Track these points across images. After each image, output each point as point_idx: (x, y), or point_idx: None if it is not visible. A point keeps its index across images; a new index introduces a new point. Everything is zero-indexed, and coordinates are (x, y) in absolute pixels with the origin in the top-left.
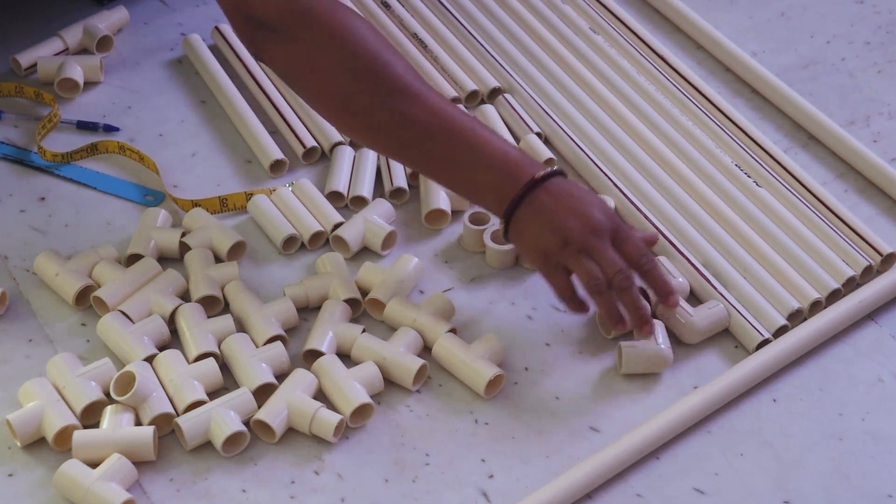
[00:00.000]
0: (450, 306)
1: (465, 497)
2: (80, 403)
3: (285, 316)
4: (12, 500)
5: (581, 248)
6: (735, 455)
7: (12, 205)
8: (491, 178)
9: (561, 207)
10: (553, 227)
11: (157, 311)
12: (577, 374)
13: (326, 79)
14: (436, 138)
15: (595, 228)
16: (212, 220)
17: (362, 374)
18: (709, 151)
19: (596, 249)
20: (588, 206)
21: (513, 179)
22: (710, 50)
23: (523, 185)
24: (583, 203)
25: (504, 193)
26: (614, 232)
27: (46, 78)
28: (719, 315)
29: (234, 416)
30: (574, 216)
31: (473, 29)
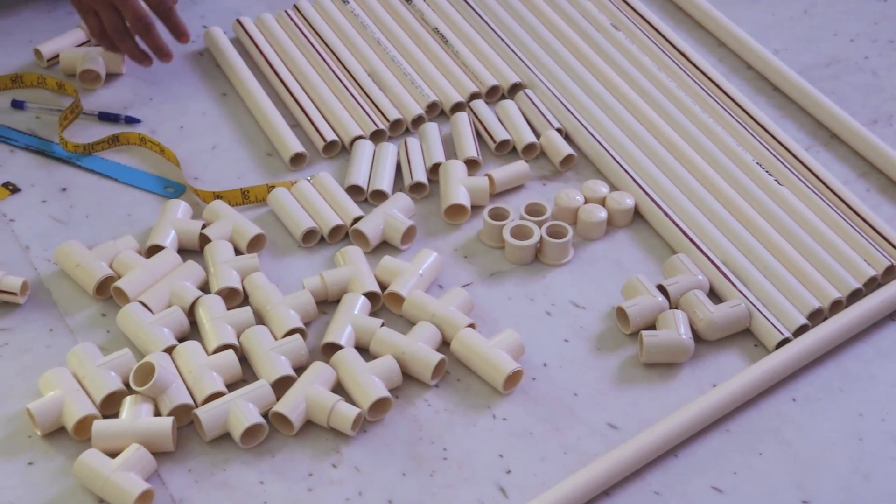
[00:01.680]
0: (469, 301)
1: (482, 492)
2: (100, 393)
3: (304, 309)
4: (32, 488)
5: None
6: (754, 454)
7: (34, 195)
8: None
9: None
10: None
11: (176, 302)
12: (596, 370)
13: None
14: None
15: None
16: (232, 213)
17: (381, 368)
18: (730, 149)
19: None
20: None
21: None
22: (732, 47)
23: None
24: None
25: None
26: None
27: (68, 69)
28: (739, 314)
29: (252, 408)
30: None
31: (494, 24)
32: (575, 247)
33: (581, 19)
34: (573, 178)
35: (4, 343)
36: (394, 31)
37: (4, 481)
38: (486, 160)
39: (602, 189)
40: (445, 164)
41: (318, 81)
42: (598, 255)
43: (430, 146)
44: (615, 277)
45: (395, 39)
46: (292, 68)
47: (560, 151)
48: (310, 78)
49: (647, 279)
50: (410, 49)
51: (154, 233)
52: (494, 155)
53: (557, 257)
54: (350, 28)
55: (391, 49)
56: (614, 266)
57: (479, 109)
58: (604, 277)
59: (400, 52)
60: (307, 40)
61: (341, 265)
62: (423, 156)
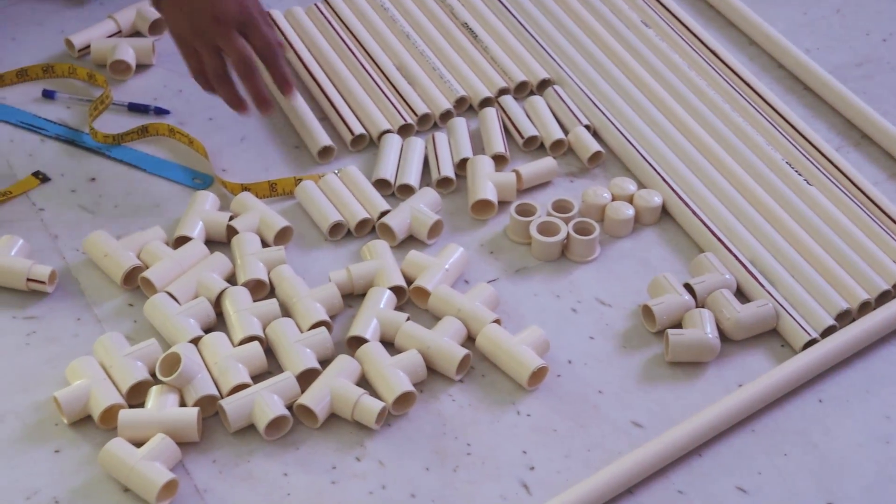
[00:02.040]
0: (494, 297)
1: (505, 488)
2: (127, 383)
3: (330, 302)
4: (58, 476)
5: (209, 37)
6: (779, 455)
7: (63, 185)
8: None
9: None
10: (187, 13)
11: (203, 293)
12: (621, 368)
13: None
14: None
15: (220, 17)
16: (259, 205)
17: (406, 362)
18: (759, 148)
19: (222, 38)
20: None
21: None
22: (763, 46)
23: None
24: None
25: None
26: (242, 23)
27: (99, 60)
28: (766, 314)
29: (277, 400)
30: (206, 4)
31: (524, 19)
32: (602, 244)
33: (611, 16)
34: (601, 176)
35: (32, 331)
36: (423, 26)
37: (31, 468)
38: (514, 156)
39: (630, 186)
40: (473, 159)
41: (346, 75)
42: (624, 252)
43: (458, 141)
44: (641, 275)
45: (425, 34)
46: (321, 61)
47: (588, 148)
48: (339, 71)
49: (674, 277)
50: (440, 43)
51: (182, 224)
52: (522, 151)
53: (584, 254)
54: (379, 22)
55: (420, 43)
56: (641, 264)
57: (507, 105)
58: (630, 275)
59: (429, 47)
60: (336, 34)
61: (367, 259)
62: (450, 151)
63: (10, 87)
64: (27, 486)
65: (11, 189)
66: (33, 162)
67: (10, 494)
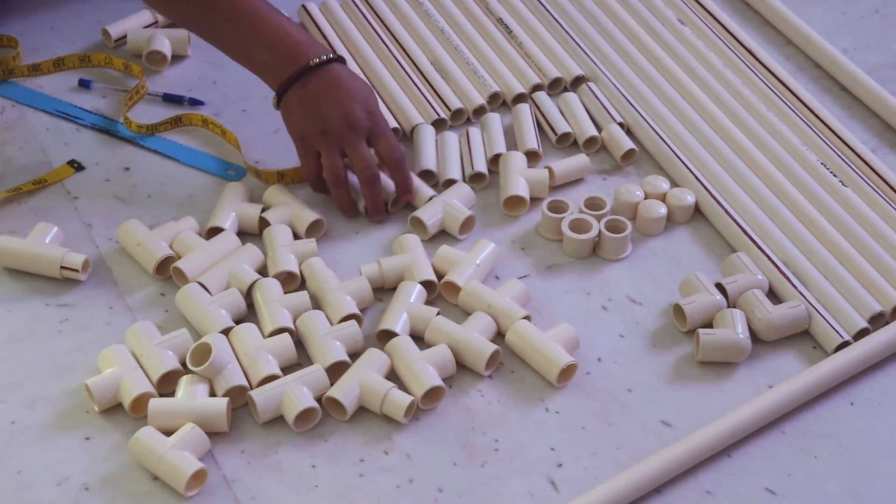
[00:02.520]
0: (524, 293)
1: (532, 484)
2: (157, 372)
3: (361, 295)
4: (89, 463)
5: (336, 141)
6: (809, 457)
7: (98, 174)
8: (269, 56)
9: (327, 98)
10: (315, 116)
11: (234, 284)
12: (651, 366)
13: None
14: (220, 12)
15: (351, 123)
16: (292, 198)
17: (435, 357)
18: (794, 148)
19: (350, 144)
20: (352, 101)
21: (289, 61)
22: (800, 45)
23: (297, 69)
24: (348, 97)
25: (279, 73)
26: (370, 131)
27: (135, 50)
28: (798, 315)
29: (306, 391)
30: (336, 109)
31: (559, 16)
32: (633, 242)
33: (647, 14)
34: (634, 173)
35: (65, 319)
36: (458, 21)
37: (62, 455)
38: (547, 152)
39: (663, 185)
40: (505, 155)
41: (380, 68)
42: (656, 251)
43: (492, 136)
44: (673, 274)
45: (459, 29)
46: (355, 55)
47: (621, 146)
48: (372, 65)
49: (706, 277)
50: (474, 39)
51: (214, 215)
52: (555, 147)
53: (615, 252)
54: (414, 16)
55: (455, 38)
56: (672, 263)
57: (541, 101)
58: (661, 274)
59: (463, 42)
60: (371, 27)
61: (399, 253)
62: (484, 146)
63: (48, 76)
64: (58, 472)
65: (46, 177)
66: (69, 151)
67: (41, 480)
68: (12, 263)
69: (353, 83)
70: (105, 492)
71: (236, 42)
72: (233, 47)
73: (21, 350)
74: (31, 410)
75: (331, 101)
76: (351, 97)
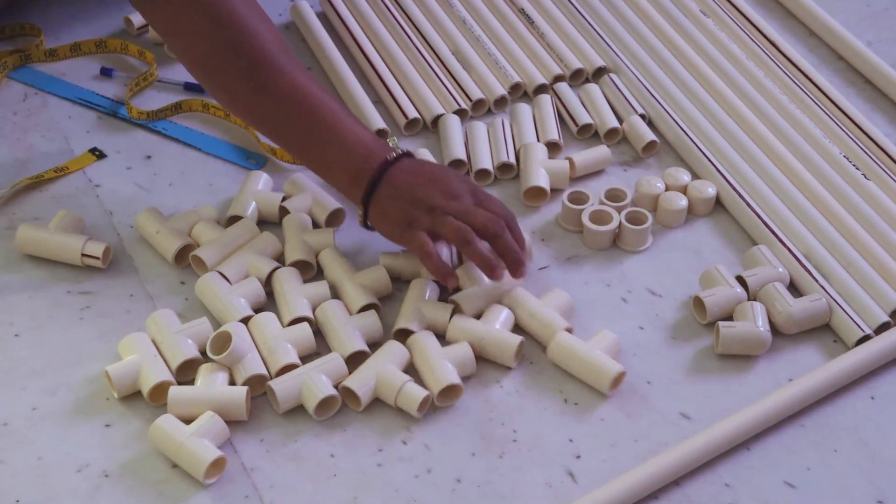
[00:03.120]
0: (569, 304)
1: (550, 476)
2: (177, 360)
3: (379, 285)
4: (109, 450)
5: (445, 212)
6: (829, 451)
7: (120, 162)
8: (345, 158)
9: (419, 181)
10: (414, 200)
11: (253, 273)
12: (670, 358)
13: (188, 43)
14: (293, 115)
15: (455, 194)
16: (313, 186)
17: (455, 355)
18: (817, 141)
19: (460, 209)
20: (445, 176)
21: (368, 161)
22: (824, 37)
23: (379, 165)
24: (440, 174)
25: (360, 174)
26: (474, 195)
27: (157, 38)
28: (819, 308)
29: (326, 380)
30: (433, 186)
31: (581, 6)
32: (654, 234)
33: (670, 5)
34: (655, 165)
35: (86, 306)
36: (479, 11)
37: (83, 441)
38: (568, 144)
39: (684, 177)
40: (526, 145)
41: (402, 58)
42: (676, 243)
43: (521, 127)
44: (693, 266)
45: (481, 19)
46: (377, 44)
47: (643, 137)
48: (394, 55)
49: (726, 269)
50: (496, 29)
51: (235, 203)
52: (576, 139)
53: (636, 244)
54: (436, 6)
55: (476, 28)
56: (693, 255)
57: (562, 92)
58: (682, 266)
59: (485, 32)
60: (393, 17)
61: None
62: (512, 136)
63: (69, 62)
64: (78, 459)
65: (68, 165)
66: (90, 138)
67: (61, 467)
68: (34, 251)
69: (434, 165)
70: (125, 479)
71: (310, 143)
72: (306, 149)
73: (42, 337)
74: (51, 397)
75: (425, 182)
76: (442, 174)
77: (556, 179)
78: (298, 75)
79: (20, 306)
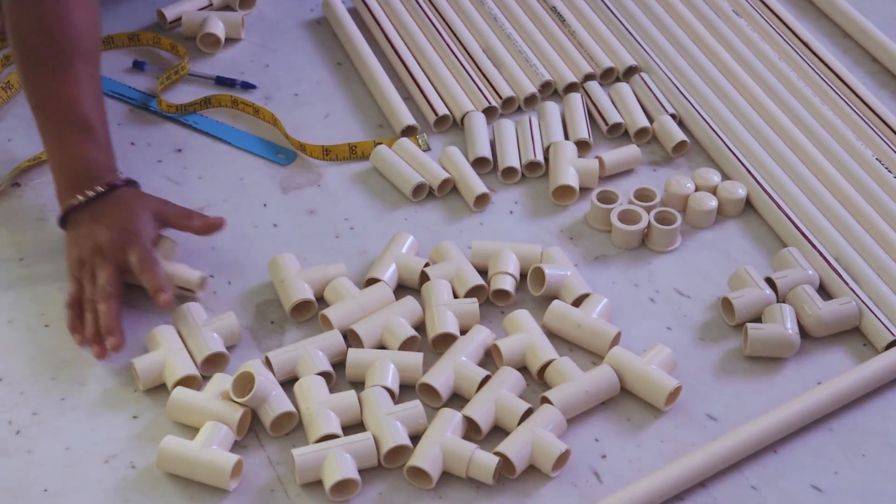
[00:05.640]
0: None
1: (576, 475)
2: (202, 354)
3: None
4: (136, 441)
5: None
6: (857, 455)
7: (151, 154)
8: (59, 180)
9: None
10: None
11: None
12: (698, 359)
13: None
14: (44, 122)
15: (101, 251)
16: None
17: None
18: (849, 143)
19: (97, 268)
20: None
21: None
22: (858, 39)
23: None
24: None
25: (63, 200)
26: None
27: (190, 32)
28: (849, 312)
29: (350, 460)
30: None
31: (613, 5)
32: (683, 234)
33: (702, 4)
34: (685, 165)
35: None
36: (511, 8)
37: (110, 432)
38: (598, 142)
39: (714, 177)
40: (556, 144)
41: (432, 55)
42: (705, 243)
43: (549, 126)
44: (722, 268)
45: (512, 16)
46: (407, 41)
47: (673, 137)
48: (424, 51)
49: (756, 271)
50: (527, 27)
51: (375, 265)
52: (606, 137)
53: (664, 244)
54: (467, 3)
55: (507, 26)
56: (722, 256)
57: (592, 91)
58: (710, 267)
59: (516, 30)
60: (424, 13)
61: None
62: (540, 135)
63: (102, 55)
64: (106, 449)
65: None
66: (122, 131)
67: (90, 457)
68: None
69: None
70: (151, 469)
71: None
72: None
73: None
74: (80, 387)
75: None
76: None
77: (586, 178)
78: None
79: (51, 297)
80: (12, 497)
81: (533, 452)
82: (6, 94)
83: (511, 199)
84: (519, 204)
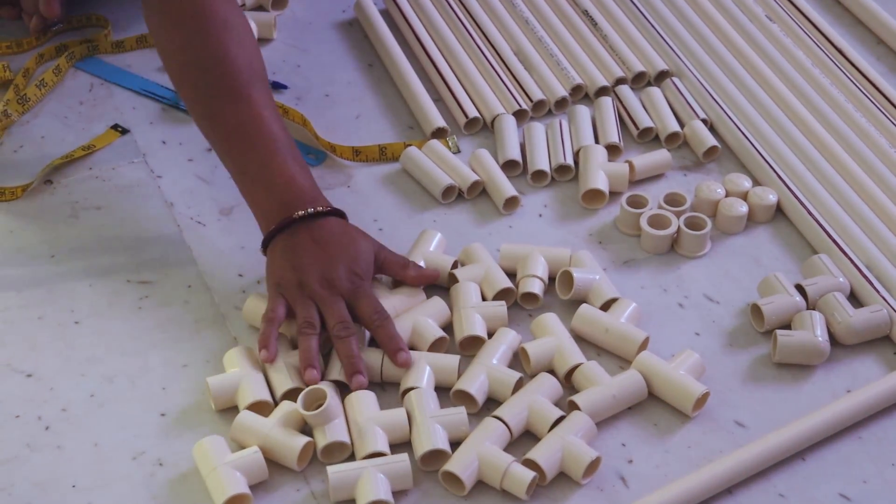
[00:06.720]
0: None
1: (602, 480)
2: (283, 387)
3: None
4: (164, 438)
5: (310, 296)
6: (886, 464)
7: (181, 153)
8: (266, 199)
9: (311, 252)
10: (295, 266)
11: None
12: (726, 366)
13: (164, 51)
14: (235, 146)
15: (331, 284)
16: (488, 258)
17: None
18: (882, 151)
19: (324, 301)
20: (337, 260)
21: (284, 209)
22: (892, 45)
23: (284, 220)
24: (336, 255)
25: (270, 219)
26: (352, 293)
27: None
28: (880, 319)
29: (384, 480)
30: (318, 266)
31: (645, 9)
32: (713, 240)
33: (735, 9)
34: (715, 171)
35: (145, 296)
36: (543, 11)
37: (139, 430)
38: (628, 147)
39: (745, 183)
40: (586, 148)
41: (463, 57)
42: (735, 249)
43: (579, 129)
44: (752, 274)
45: (544, 19)
46: (439, 42)
47: (704, 142)
48: (455, 53)
49: (786, 278)
50: (558, 30)
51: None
52: (636, 142)
53: (694, 249)
54: (499, 5)
55: (539, 29)
56: (752, 262)
57: (623, 95)
58: (740, 273)
59: (547, 33)
60: (455, 15)
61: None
62: (571, 138)
63: (135, 54)
64: (134, 446)
65: (94, 143)
66: (154, 129)
67: (118, 454)
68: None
69: (343, 239)
70: (179, 467)
71: (243, 177)
72: (240, 181)
73: (101, 325)
74: (109, 384)
75: (315, 257)
76: (338, 256)
77: (616, 182)
78: (257, 109)
79: (81, 294)
80: (41, 492)
81: (563, 459)
82: (40, 91)
83: (540, 202)
84: (548, 207)
